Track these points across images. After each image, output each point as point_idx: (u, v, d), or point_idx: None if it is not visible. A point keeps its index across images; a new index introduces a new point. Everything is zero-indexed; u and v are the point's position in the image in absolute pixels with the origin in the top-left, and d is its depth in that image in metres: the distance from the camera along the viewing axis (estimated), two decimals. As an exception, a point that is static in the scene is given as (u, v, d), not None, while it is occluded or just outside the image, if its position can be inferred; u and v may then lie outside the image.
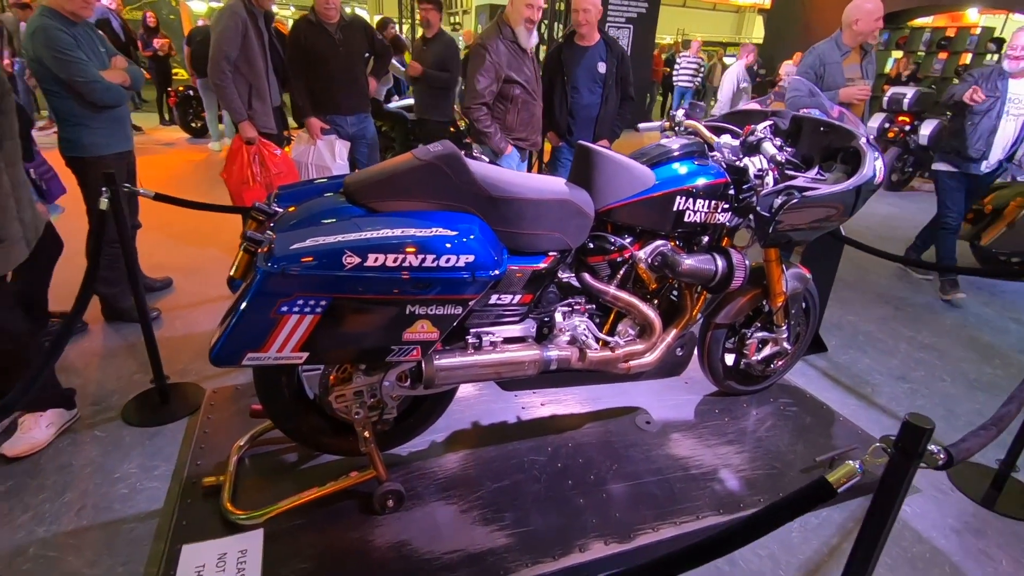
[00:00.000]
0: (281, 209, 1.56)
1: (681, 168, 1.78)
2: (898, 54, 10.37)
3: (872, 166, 1.71)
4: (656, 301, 1.94)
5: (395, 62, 6.41)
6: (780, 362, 2.38)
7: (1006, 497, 2.07)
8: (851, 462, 0.99)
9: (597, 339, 1.84)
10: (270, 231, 1.36)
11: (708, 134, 1.96)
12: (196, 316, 3.04)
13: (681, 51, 12.20)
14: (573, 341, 1.80)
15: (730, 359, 2.33)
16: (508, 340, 1.70)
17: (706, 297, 2.03)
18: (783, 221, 1.74)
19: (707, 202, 1.78)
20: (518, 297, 1.66)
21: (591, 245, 1.79)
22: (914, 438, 0.95)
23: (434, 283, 1.35)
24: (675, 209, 1.76)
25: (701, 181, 1.77)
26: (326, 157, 3.57)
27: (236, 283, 1.45)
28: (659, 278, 1.89)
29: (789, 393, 2.53)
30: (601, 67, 3.23)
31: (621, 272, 1.82)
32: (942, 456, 0.99)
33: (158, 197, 2.17)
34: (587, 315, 1.85)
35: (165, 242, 4.01)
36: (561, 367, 1.76)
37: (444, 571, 1.54)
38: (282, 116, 3.60)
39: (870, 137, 1.79)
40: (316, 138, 3.53)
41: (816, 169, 1.70)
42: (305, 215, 1.44)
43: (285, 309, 1.26)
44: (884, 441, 1.03)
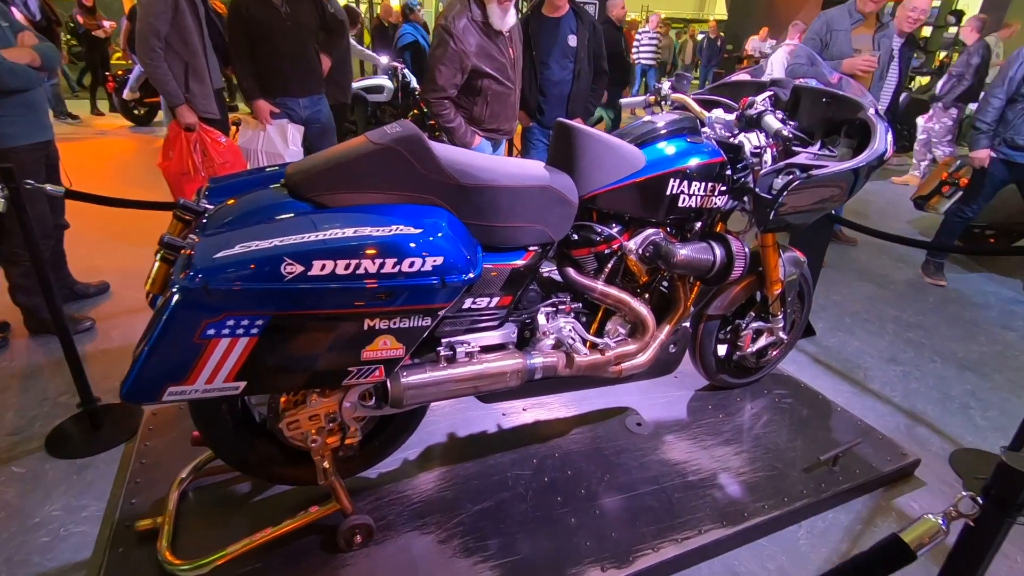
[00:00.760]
0: (212, 206, 1.32)
1: (673, 147, 1.59)
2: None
3: (884, 140, 1.55)
4: (647, 295, 1.76)
5: (360, 46, 6.04)
6: (775, 352, 2.24)
7: (1011, 486, 1.98)
8: (931, 516, 0.81)
9: (585, 341, 1.65)
10: (193, 235, 1.12)
11: (698, 108, 1.77)
12: (136, 325, 2.74)
13: (641, 26, 11.83)
14: (559, 345, 1.61)
15: (722, 350, 2.18)
16: (486, 349, 1.50)
17: (699, 287, 1.85)
18: (786, 203, 1.56)
19: (703, 184, 1.60)
20: (496, 300, 1.45)
21: (575, 237, 1.59)
22: (1012, 485, 0.76)
23: (396, 292, 1.13)
24: (668, 193, 1.57)
25: (696, 161, 1.58)
26: (277, 143, 3.26)
27: (157, 299, 1.20)
28: (650, 270, 1.71)
29: (783, 383, 2.40)
30: (572, 40, 2.98)
31: (609, 265, 1.63)
32: None
33: (69, 195, 1.87)
34: (573, 315, 1.65)
35: (103, 243, 3.65)
36: (547, 375, 1.57)
37: (422, 617, 1.34)
38: (224, 100, 3.28)
39: (878, 107, 1.62)
40: (265, 123, 3.22)
41: (819, 144, 1.54)
42: (236, 214, 1.20)
43: (212, 332, 1.03)
44: (970, 484, 0.83)
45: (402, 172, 1.26)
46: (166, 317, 0.99)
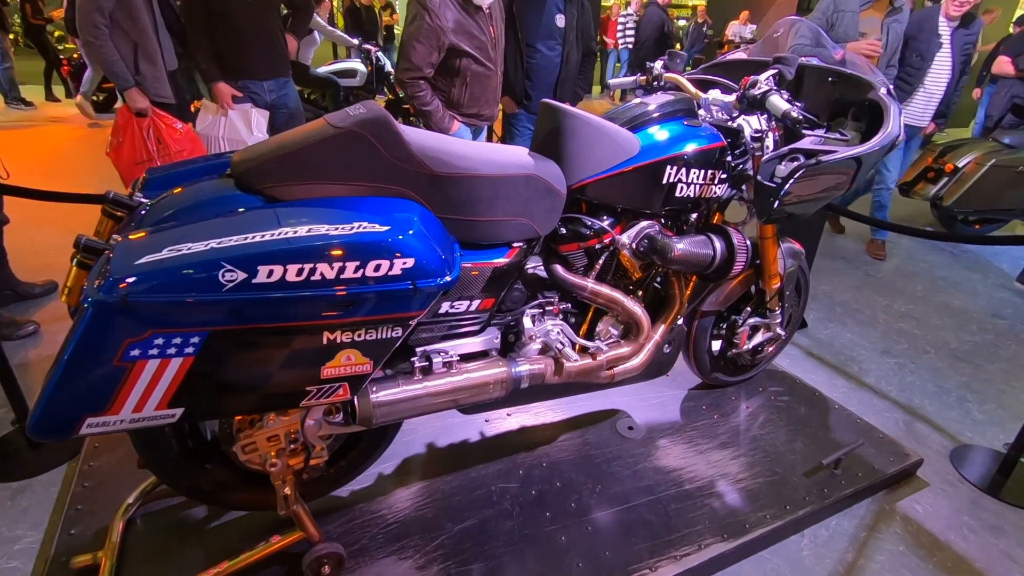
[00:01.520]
0: (148, 200, 1.14)
1: (670, 131, 1.44)
2: None
3: (897, 122, 1.43)
4: (641, 293, 1.62)
5: (331, 27, 5.75)
6: (771, 348, 2.13)
7: (1015, 484, 1.90)
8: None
9: (574, 345, 1.51)
10: (116, 236, 0.94)
11: (693, 89, 1.63)
12: (87, 327, 2.52)
13: (623, 9, 11.60)
14: (546, 350, 1.47)
15: (715, 347, 2.06)
16: (466, 357, 1.35)
17: (695, 283, 1.72)
18: (792, 192, 1.44)
19: (701, 171, 1.46)
20: (476, 303, 1.30)
21: (563, 230, 1.45)
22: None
23: (360, 301, 0.97)
24: (665, 182, 1.42)
25: (694, 146, 1.44)
26: (240, 129, 3.03)
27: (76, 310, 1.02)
28: (644, 266, 1.57)
29: (778, 380, 2.30)
30: (559, 20, 2.77)
31: (600, 261, 1.49)
32: None
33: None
34: (561, 316, 1.51)
35: (51, 239, 3.39)
36: (534, 384, 1.42)
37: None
38: (179, 83, 3.05)
39: (890, 87, 1.50)
40: (227, 107, 2.99)
41: (825, 128, 1.41)
42: (170, 210, 1.03)
43: (136, 353, 0.86)
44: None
45: (366, 160, 1.10)
46: (78, 336, 0.82)
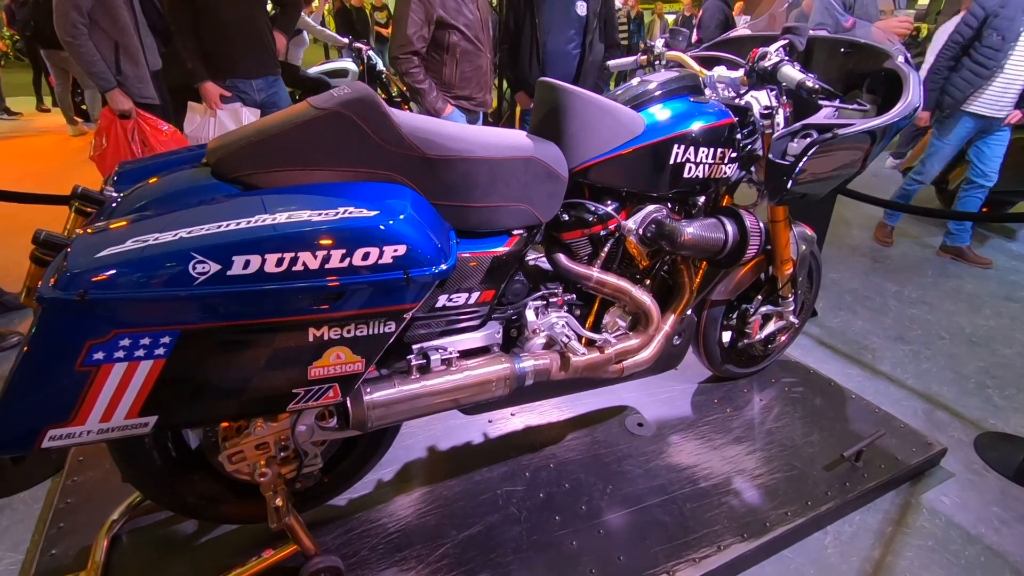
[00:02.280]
0: (119, 195, 1.06)
1: (675, 109, 1.36)
2: None
3: (917, 91, 1.34)
4: (648, 282, 1.54)
5: (321, 27, 5.66)
6: (783, 337, 2.05)
7: (1043, 472, 1.82)
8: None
9: (581, 338, 1.43)
10: (80, 230, 0.86)
11: (697, 67, 1.55)
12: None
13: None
14: (551, 344, 1.38)
15: (726, 338, 1.98)
16: (467, 354, 1.26)
17: (705, 270, 1.64)
18: (806, 170, 1.35)
19: (711, 150, 1.38)
20: (475, 295, 1.22)
21: (566, 217, 1.37)
22: None
23: (347, 293, 0.89)
24: (672, 162, 1.34)
25: (702, 124, 1.36)
26: (230, 129, 2.95)
27: (40, 312, 0.94)
28: (652, 253, 1.49)
29: (790, 370, 2.22)
30: (581, 8, 2.63)
31: (606, 249, 1.40)
32: None
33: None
34: (566, 308, 1.43)
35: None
36: (539, 380, 1.34)
37: None
38: (163, 83, 2.96)
39: (908, 54, 1.41)
40: (215, 107, 2.90)
41: (838, 101, 1.33)
42: (142, 202, 0.95)
43: (100, 356, 0.78)
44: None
45: (353, 143, 1.02)
46: (32, 339, 0.74)
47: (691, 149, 1.34)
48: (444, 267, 0.97)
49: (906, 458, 1.77)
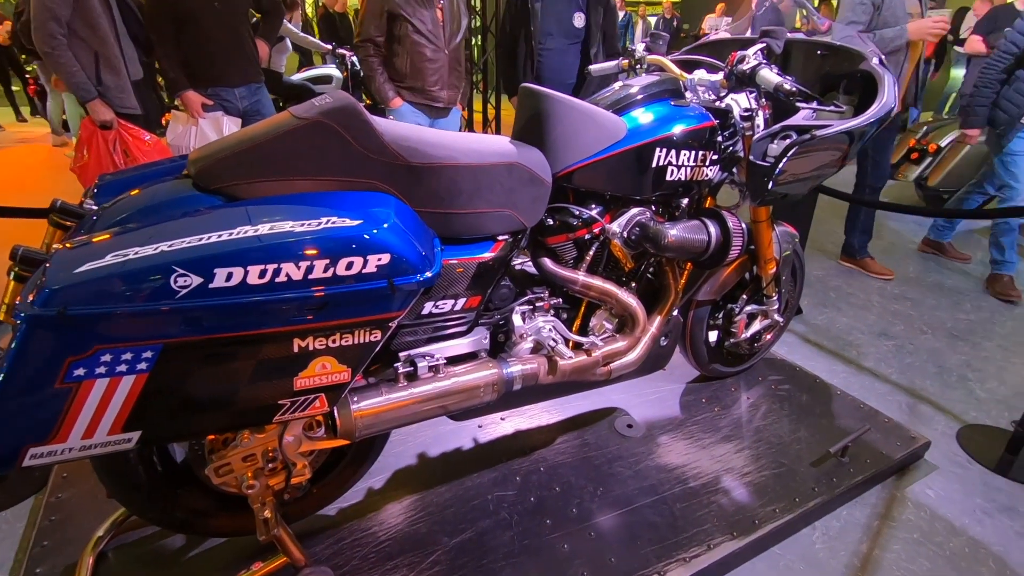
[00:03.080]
0: (99, 208, 1.05)
1: (657, 112, 1.38)
2: None
3: (891, 92, 1.37)
4: (634, 284, 1.55)
5: (304, 33, 5.63)
6: (769, 336, 2.07)
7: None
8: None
9: (568, 341, 1.44)
10: (59, 245, 0.85)
11: (678, 70, 1.56)
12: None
13: None
14: (538, 348, 1.39)
15: (712, 337, 2.00)
16: (454, 360, 1.27)
17: (690, 272, 1.66)
18: (786, 170, 1.37)
19: (692, 153, 1.39)
20: (462, 301, 1.22)
21: (550, 221, 1.37)
22: None
23: (331, 303, 0.88)
24: (654, 165, 1.36)
25: (683, 127, 1.37)
26: (212, 138, 2.93)
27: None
28: (636, 255, 1.50)
29: (776, 368, 2.24)
30: (579, 19, 2.59)
31: (591, 253, 1.41)
32: None
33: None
34: (552, 312, 1.43)
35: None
36: (527, 384, 1.35)
37: None
38: (147, 93, 2.94)
39: (882, 56, 1.44)
40: (197, 116, 2.88)
41: (816, 103, 1.35)
42: (122, 215, 0.94)
43: (81, 373, 0.77)
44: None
45: (335, 152, 1.02)
46: (11, 357, 0.73)
47: (673, 152, 1.36)
48: (429, 275, 0.97)
49: (891, 452, 1.79)
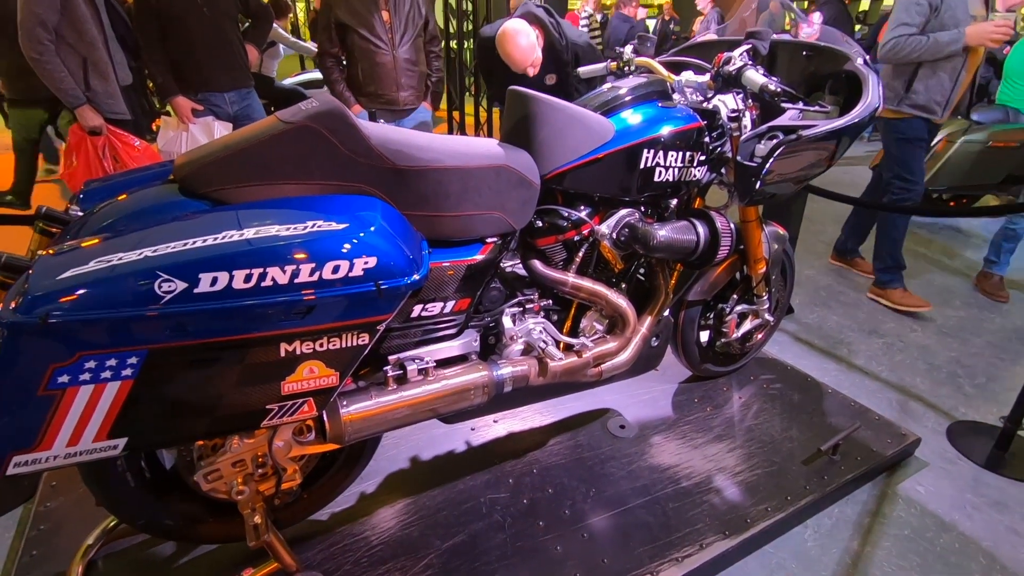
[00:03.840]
0: (85, 214, 1.04)
1: (644, 114, 1.38)
2: None
3: (876, 92, 1.38)
4: (624, 285, 1.56)
5: (294, 38, 5.63)
6: (760, 335, 2.08)
7: (1014, 458, 1.87)
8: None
9: (558, 343, 1.44)
10: (43, 252, 0.85)
11: (665, 72, 1.57)
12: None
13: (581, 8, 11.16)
14: (529, 350, 1.39)
15: (703, 337, 2.00)
16: (444, 363, 1.27)
17: (680, 272, 1.66)
18: (773, 171, 1.38)
19: (680, 154, 1.40)
20: (451, 304, 1.22)
21: (539, 223, 1.38)
22: None
23: (319, 306, 0.88)
24: (642, 166, 1.36)
25: (671, 128, 1.38)
26: (203, 144, 2.92)
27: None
28: (626, 256, 1.51)
29: (768, 367, 2.25)
30: (549, 79, 2.51)
31: (580, 254, 1.42)
32: None
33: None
34: (543, 314, 1.44)
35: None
36: (518, 386, 1.35)
37: None
38: (136, 99, 2.93)
39: (866, 56, 1.46)
40: (187, 121, 2.87)
41: (801, 103, 1.37)
42: (108, 221, 0.94)
43: (65, 380, 0.76)
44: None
45: (321, 155, 1.02)
46: (-6, 365, 0.73)
47: (661, 153, 1.36)
48: (416, 277, 0.97)
49: (882, 449, 1.80)
